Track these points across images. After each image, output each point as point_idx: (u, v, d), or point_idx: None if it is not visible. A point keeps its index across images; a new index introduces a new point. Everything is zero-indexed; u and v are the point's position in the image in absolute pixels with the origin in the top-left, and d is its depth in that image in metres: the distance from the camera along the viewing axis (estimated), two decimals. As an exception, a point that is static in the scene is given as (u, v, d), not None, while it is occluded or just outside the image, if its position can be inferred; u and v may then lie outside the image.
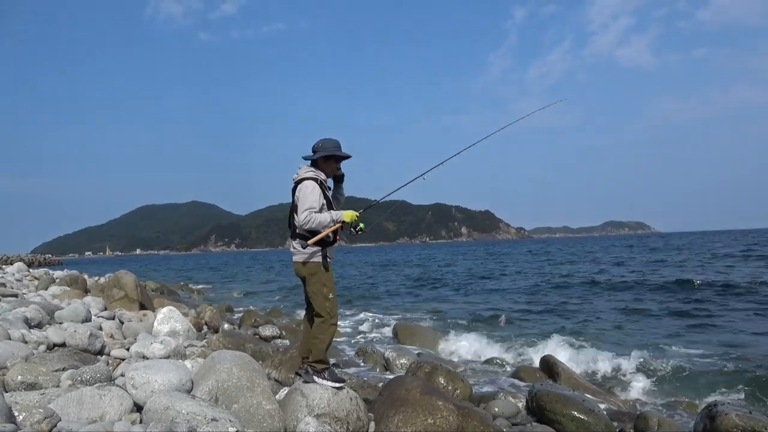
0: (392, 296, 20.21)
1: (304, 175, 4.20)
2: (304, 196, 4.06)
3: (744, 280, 18.92)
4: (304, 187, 4.11)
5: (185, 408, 3.28)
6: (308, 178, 4.16)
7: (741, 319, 11.79)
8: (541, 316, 13.55)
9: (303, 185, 4.12)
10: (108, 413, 3.50)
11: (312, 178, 4.16)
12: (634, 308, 13.90)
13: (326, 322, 4.18)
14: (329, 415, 3.97)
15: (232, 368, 3.97)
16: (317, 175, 4.21)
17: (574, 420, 5.10)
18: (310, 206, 4.01)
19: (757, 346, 9.25)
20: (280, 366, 6.44)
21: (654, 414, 5.40)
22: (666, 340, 9.91)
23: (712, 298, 15.20)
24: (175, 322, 7.27)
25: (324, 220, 4.04)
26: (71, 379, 4.23)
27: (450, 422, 4.34)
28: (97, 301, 8.82)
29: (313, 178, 4.17)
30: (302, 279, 4.25)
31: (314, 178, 4.17)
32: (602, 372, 7.98)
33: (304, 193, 4.07)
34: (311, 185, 4.10)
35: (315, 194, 4.06)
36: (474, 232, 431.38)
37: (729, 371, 7.54)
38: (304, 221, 3.99)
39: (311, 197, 4.04)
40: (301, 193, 4.09)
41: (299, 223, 4.05)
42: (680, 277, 20.22)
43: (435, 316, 13.92)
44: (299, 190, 4.13)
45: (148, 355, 5.55)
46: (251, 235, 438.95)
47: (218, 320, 9.90)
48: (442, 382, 5.99)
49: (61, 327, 6.04)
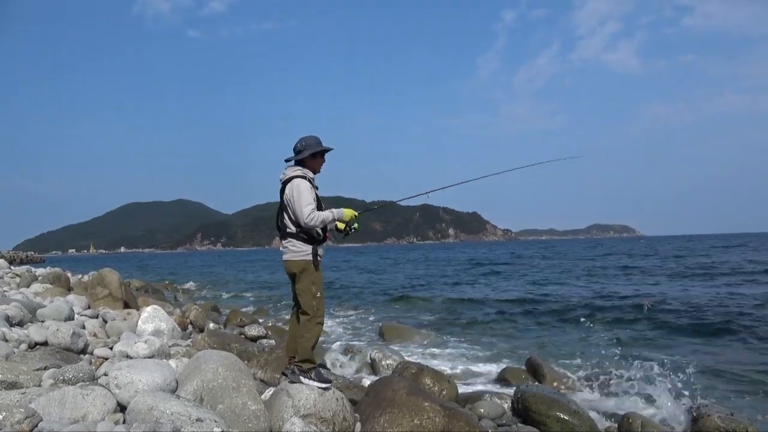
0: (378, 296, 20.20)
1: (293, 174, 4.17)
2: (300, 195, 4.03)
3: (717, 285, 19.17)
4: (297, 185, 4.08)
5: (169, 408, 3.24)
6: (298, 177, 4.15)
7: (725, 320, 11.94)
8: (524, 317, 13.62)
9: (295, 184, 4.09)
10: (91, 413, 3.44)
11: (301, 177, 4.15)
12: (619, 311, 14.04)
13: (312, 321, 4.17)
14: (315, 415, 3.96)
15: (217, 368, 3.93)
16: (305, 174, 4.20)
17: (559, 421, 5.14)
18: (309, 203, 4.00)
19: (737, 349, 9.39)
20: (266, 366, 6.40)
21: (638, 415, 5.45)
22: (649, 342, 10.02)
23: (696, 302, 15.40)
24: (160, 321, 7.19)
25: (327, 218, 4.05)
26: (53, 378, 4.16)
27: (436, 423, 4.35)
28: (80, 299, 8.70)
29: (302, 176, 4.15)
30: (292, 277, 4.23)
31: (303, 176, 4.16)
32: (587, 373, 8.04)
33: (299, 191, 4.04)
34: (305, 184, 4.09)
35: (310, 192, 4.07)
36: (461, 233, 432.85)
37: (712, 374, 7.64)
38: (309, 218, 3.96)
39: (307, 195, 4.03)
40: (296, 191, 4.06)
41: (304, 219, 4.00)
42: (668, 283, 20.44)
43: (422, 316, 13.94)
44: (292, 189, 4.09)
45: (132, 354, 5.49)
46: (238, 234, 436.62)
47: (203, 319, 9.81)
48: (428, 383, 5.99)
49: (43, 325, 5.94)
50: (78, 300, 8.57)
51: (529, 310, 14.64)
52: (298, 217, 4.03)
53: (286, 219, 4.18)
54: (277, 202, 4.36)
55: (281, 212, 4.27)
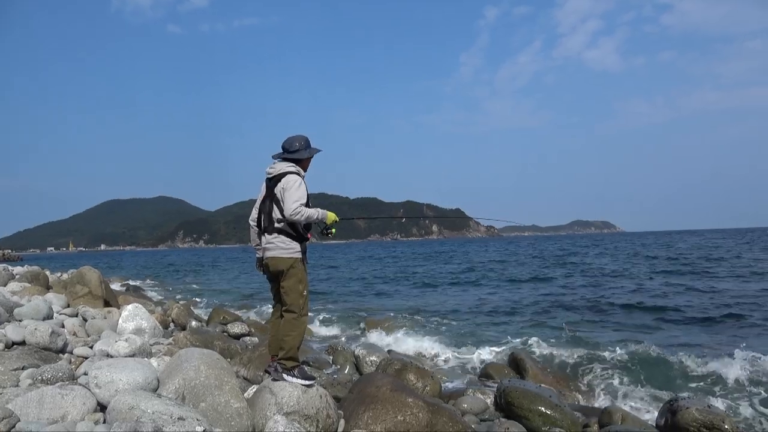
0: (363, 293, 20.21)
1: (288, 170, 4.17)
2: (293, 189, 4.02)
3: (703, 278, 19.52)
4: (290, 180, 4.08)
5: (151, 407, 3.21)
6: (293, 172, 4.15)
7: (703, 316, 12.15)
8: (509, 313, 13.73)
9: (289, 179, 4.09)
10: (70, 413, 3.40)
11: (296, 173, 4.16)
12: (599, 306, 14.22)
13: (298, 319, 4.16)
14: (299, 413, 3.95)
15: (199, 366, 3.90)
16: (299, 171, 4.21)
17: (541, 415, 5.21)
18: (299, 198, 4.00)
19: (718, 344, 9.57)
20: (249, 364, 6.38)
21: (618, 409, 5.54)
22: (630, 337, 10.16)
23: (677, 294, 15.65)
24: (141, 320, 7.11)
25: (312, 215, 4.05)
26: (31, 378, 4.09)
27: (419, 419, 4.37)
28: (59, 297, 8.56)
29: (296, 173, 4.16)
30: (276, 274, 4.21)
31: (297, 173, 4.18)
32: (568, 368, 8.14)
33: (292, 186, 4.04)
34: (299, 180, 4.11)
35: (302, 189, 4.06)
36: (445, 230, 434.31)
37: (690, 367, 7.77)
38: (294, 211, 3.96)
39: (300, 191, 4.03)
40: (288, 185, 4.05)
41: (289, 212, 3.99)
42: (643, 273, 20.73)
43: (406, 313, 13.98)
44: (286, 182, 4.08)
45: (113, 353, 5.41)
46: (220, 231, 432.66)
47: (185, 317, 9.73)
48: (411, 379, 6.01)
49: (21, 324, 5.84)
50: (57, 298, 8.44)
51: (515, 306, 14.76)
52: (285, 208, 4.03)
53: (275, 213, 4.15)
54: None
55: (269, 206, 4.21)
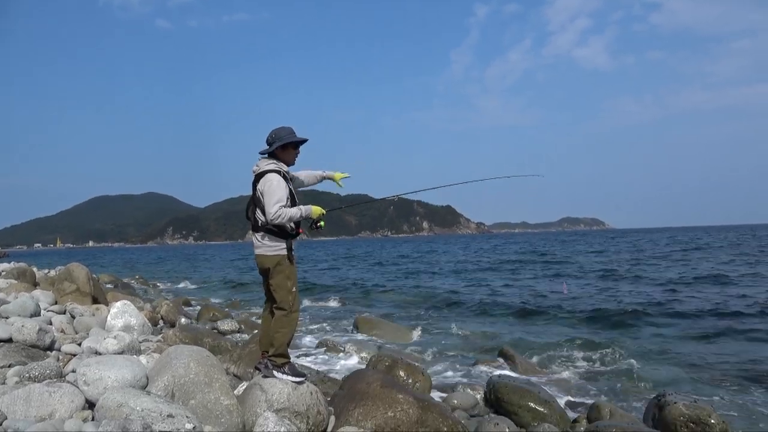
0: (355, 288, 20.21)
1: (266, 168, 4.08)
2: (271, 190, 3.94)
3: (691, 274, 19.73)
4: (269, 180, 3.99)
5: (140, 405, 3.19)
6: (272, 171, 4.06)
7: (694, 312, 12.28)
8: (498, 308, 13.79)
9: (267, 179, 4.00)
10: (58, 411, 3.37)
11: (275, 171, 4.06)
12: (590, 301, 14.33)
13: (288, 316, 4.14)
14: (289, 409, 3.94)
15: (189, 363, 3.88)
16: (279, 167, 4.11)
17: (530, 411, 5.24)
18: (279, 200, 3.91)
19: (702, 338, 9.68)
20: (238, 361, 6.36)
21: (606, 404, 5.59)
22: (620, 332, 10.26)
23: (673, 289, 15.81)
24: (130, 317, 7.07)
25: (294, 215, 3.98)
26: (18, 375, 4.05)
27: (410, 415, 4.38)
28: (46, 294, 8.48)
29: (276, 171, 4.06)
30: (265, 271, 4.18)
31: (277, 170, 4.07)
32: (558, 363, 8.20)
33: (270, 186, 3.95)
34: (276, 178, 4.00)
35: (281, 188, 3.97)
36: (435, 226, 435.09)
37: (678, 363, 7.87)
38: (275, 215, 3.89)
39: (279, 191, 3.93)
40: (267, 186, 3.97)
41: (270, 217, 3.93)
42: (628, 269, 20.90)
43: (396, 308, 14.00)
44: (263, 183, 4.01)
45: (101, 350, 5.38)
46: (210, 227, 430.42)
47: (175, 314, 9.68)
48: (402, 375, 6.02)
49: (7, 322, 5.78)
50: (44, 295, 8.36)
51: (501, 303, 14.83)
52: (265, 213, 3.98)
53: (258, 213, 4.11)
54: (249, 195, 4.29)
55: (253, 205, 4.19)
